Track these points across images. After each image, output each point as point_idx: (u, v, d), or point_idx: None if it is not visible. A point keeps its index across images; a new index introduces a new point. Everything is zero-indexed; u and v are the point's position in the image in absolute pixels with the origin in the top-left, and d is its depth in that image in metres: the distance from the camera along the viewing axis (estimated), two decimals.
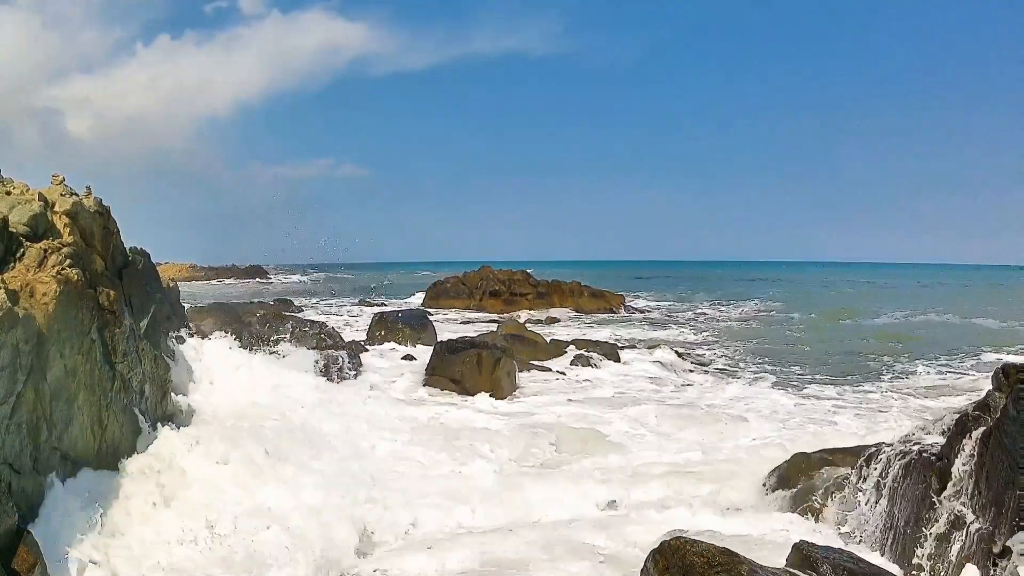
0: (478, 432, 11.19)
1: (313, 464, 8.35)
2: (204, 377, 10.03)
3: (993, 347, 22.33)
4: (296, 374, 12.24)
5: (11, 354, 5.41)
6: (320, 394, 11.83)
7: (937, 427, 5.70)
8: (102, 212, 8.22)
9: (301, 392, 11.34)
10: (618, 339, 23.24)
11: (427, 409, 12.75)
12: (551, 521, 7.75)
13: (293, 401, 10.67)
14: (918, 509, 5.27)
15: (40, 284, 6.22)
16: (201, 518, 6.45)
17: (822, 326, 30.46)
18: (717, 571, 4.14)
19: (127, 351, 7.48)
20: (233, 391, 10.02)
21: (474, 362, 14.33)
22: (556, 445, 10.80)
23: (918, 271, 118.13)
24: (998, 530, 4.43)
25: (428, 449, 10.05)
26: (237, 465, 7.61)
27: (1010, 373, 4.71)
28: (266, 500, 7.12)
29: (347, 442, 9.63)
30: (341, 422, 10.48)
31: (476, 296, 36.40)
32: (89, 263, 7.29)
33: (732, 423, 12.26)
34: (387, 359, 17.64)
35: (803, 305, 41.27)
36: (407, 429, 10.97)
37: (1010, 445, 4.40)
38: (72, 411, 6.27)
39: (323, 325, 22.90)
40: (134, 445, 7.26)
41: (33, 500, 5.57)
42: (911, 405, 13.89)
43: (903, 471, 5.56)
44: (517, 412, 12.91)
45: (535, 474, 9.49)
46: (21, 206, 6.76)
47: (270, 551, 6.22)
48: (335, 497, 7.46)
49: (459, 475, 9.22)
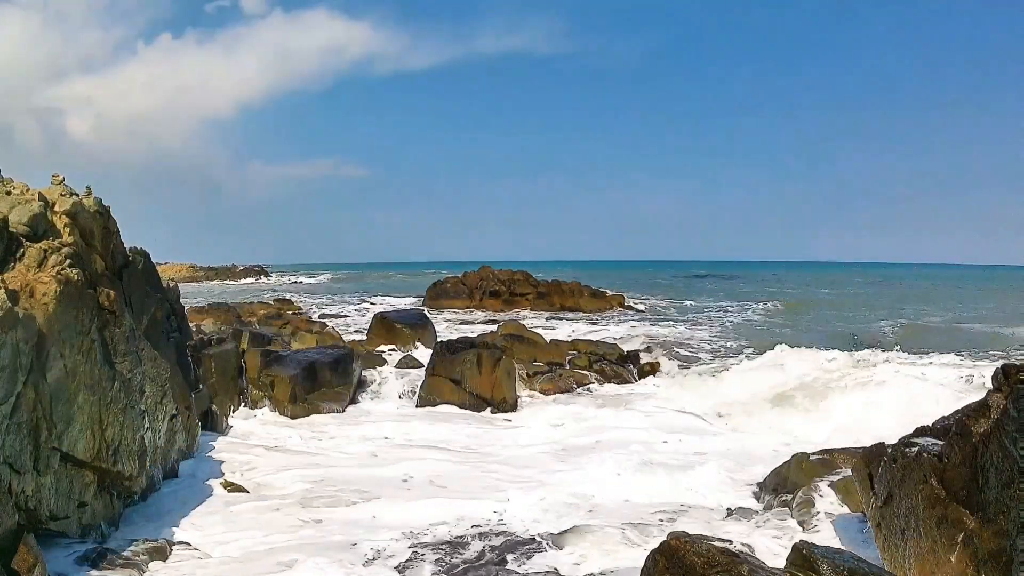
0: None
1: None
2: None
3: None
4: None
5: (11, 354, 5.42)
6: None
7: (937, 427, 5.69)
8: (102, 212, 8.22)
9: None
10: (618, 339, 23.22)
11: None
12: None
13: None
14: (918, 510, 5.26)
15: (40, 284, 6.23)
16: None
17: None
18: (717, 571, 4.13)
19: (127, 351, 7.49)
20: None
21: (474, 362, 14.33)
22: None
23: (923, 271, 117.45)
24: (999, 531, 4.43)
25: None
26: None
27: (1010, 373, 4.69)
28: None
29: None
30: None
31: (476, 296, 36.39)
32: (89, 263, 7.30)
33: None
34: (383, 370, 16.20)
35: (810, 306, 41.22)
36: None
37: (1010, 445, 4.40)
38: (72, 411, 6.27)
39: (323, 325, 22.95)
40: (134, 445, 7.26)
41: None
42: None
43: (903, 471, 5.56)
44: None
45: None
46: (21, 206, 6.77)
47: None
48: None
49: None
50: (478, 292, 36.54)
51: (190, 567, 6.45)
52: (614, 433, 11.93)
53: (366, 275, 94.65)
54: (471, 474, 9.62)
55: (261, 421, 12.65)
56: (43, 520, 5.87)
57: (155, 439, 7.98)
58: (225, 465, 9.76)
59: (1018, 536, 4.29)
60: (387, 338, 19.70)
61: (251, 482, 9.07)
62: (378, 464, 10.09)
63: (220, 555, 6.77)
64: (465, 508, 8.04)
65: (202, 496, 8.34)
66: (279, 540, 7.13)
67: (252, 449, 10.80)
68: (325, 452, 10.82)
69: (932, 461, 5.22)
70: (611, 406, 14.13)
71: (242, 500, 8.39)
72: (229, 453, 10.43)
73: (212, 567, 6.49)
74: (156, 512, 7.75)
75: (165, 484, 8.48)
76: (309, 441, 11.47)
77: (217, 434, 11.49)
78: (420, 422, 12.70)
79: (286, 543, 7.06)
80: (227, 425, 12.11)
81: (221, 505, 8.17)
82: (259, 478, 9.29)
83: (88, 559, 6.24)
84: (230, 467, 9.68)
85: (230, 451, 10.54)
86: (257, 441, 11.36)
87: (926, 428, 5.84)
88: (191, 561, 6.56)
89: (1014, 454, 4.37)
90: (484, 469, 9.90)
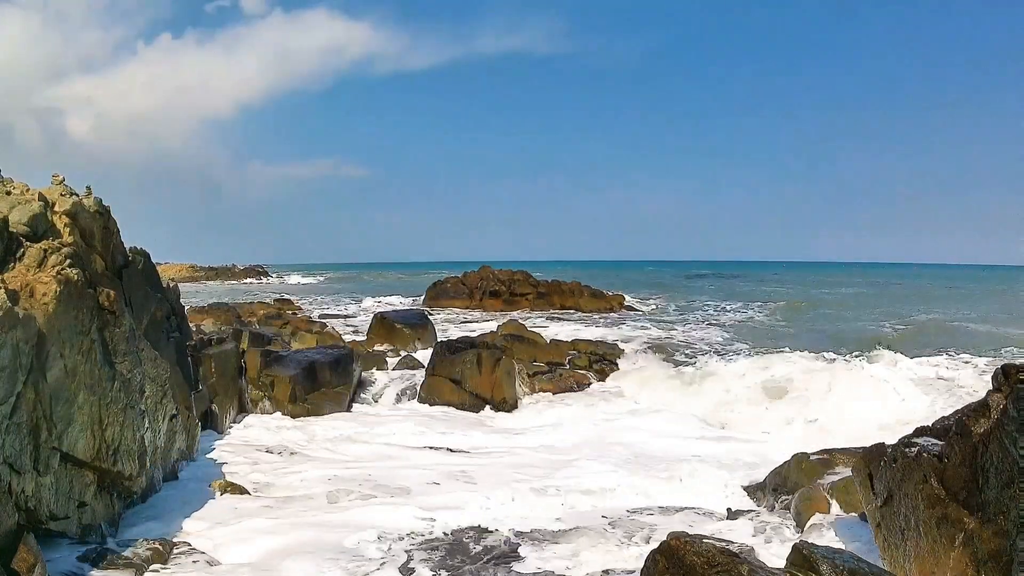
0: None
1: None
2: None
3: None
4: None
5: (11, 354, 5.42)
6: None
7: (937, 427, 5.69)
8: (102, 212, 8.23)
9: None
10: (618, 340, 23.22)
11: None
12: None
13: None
14: (918, 510, 5.26)
15: (40, 284, 6.23)
16: None
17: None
18: (717, 571, 4.13)
19: (127, 351, 7.49)
20: None
21: (474, 362, 14.33)
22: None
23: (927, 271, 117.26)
24: (999, 531, 4.43)
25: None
26: None
27: (1010, 373, 4.69)
28: None
29: None
30: None
31: (476, 296, 36.38)
32: (89, 263, 7.30)
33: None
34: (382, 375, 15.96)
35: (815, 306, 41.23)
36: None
37: (1010, 445, 4.40)
38: (72, 411, 6.27)
39: (323, 325, 22.95)
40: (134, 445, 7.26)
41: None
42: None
43: (903, 471, 5.55)
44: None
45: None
46: (21, 206, 6.77)
47: None
48: None
49: None
50: (478, 292, 36.53)
51: (190, 567, 6.44)
52: (614, 433, 11.95)
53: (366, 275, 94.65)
54: (471, 474, 9.62)
55: (261, 421, 12.65)
56: (43, 520, 5.87)
57: (155, 439, 7.98)
58: (225, 466, 9.76)
59: (1018, 536, 4.29)
60: (387, 338, 19.71)
61: (251, 483, 9.06)
62: (378, 464, 10.09)
63: (220, 555, 6.76)
64: (465, 508, 8.04)
65: (202, 496, 8.34)
66: (279, 541, 7.12)
67: (252, 449, 10.80)
68: (325, 452, 10.82)
69: (932, 461, 5.21)
70: (611, 406, 14.15)
71: (242, 501, 8.39)
72: (229, 453, 10.44)
73: (212, 567, 6.49)
74: (156, 512, 7.75)
75: (165, 484, 8.48)
76: (309, 441, 11.47)
77: (217, 434, 11.50)
78: (420, 422, 12.70)
79: (286, 544, 7.05)
80: (227, 425, 12.11)
81: (221, 506, 8.16)
82: (259, 478, 9.29)
83: (88, 559, 6.24)
84: (230, 467, 9.68)
85: (230, 451, 10.55)
86: (257, 441, 11.35)
87: (926, 428, 5.84)
88: (191, 561, 6.55)
89: (1014, 454, 4.37)
90: (484, 469, 9.90)
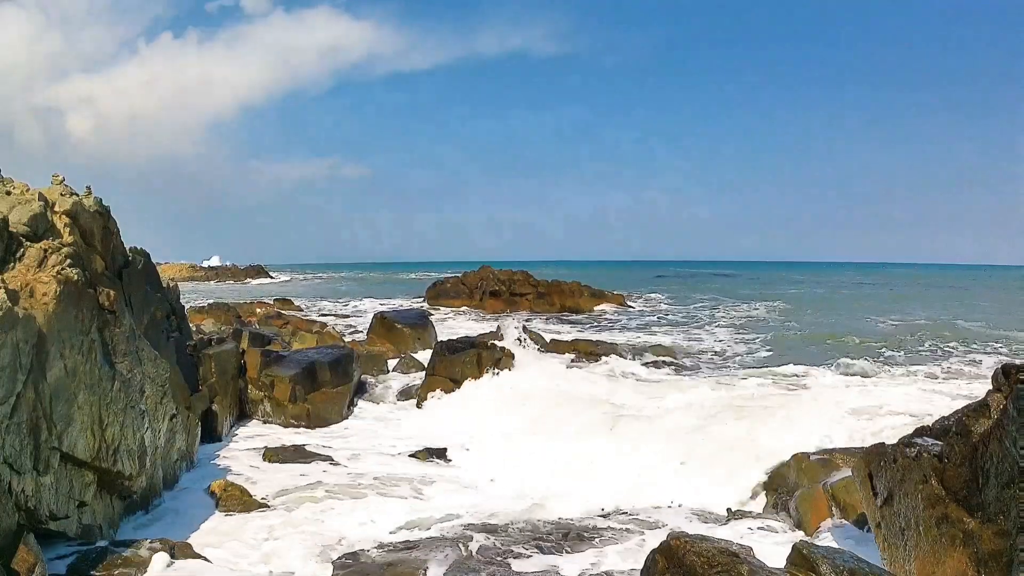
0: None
1: None
2: None
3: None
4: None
5: (11, 354, 5.41)
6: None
7: (937, 427, 5.69)
8: (102, 212, 8.23)
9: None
10: (618, 339, 23.22)
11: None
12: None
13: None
14: (918, 510, 5.26)
15: (40, 284, 6.23)
16: None
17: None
18: (717, 571, 4.13)
19: (127, 351, 7.49)
20: None
21: (474, 362, 14.33)
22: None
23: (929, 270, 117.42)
24: (999, 531, 4.43)
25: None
26: None
27: (1010, 373, 4.70)
28: None
29: None
30: None
31: (476, 296, 36.37)
32: (89, 263, 7.30)
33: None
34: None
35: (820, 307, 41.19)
36: None
37: (1010, 445, 4.40)
38: (72, 411, 6.27)
39: (323, 325, 22.95)
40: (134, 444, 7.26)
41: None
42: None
43: (903, 472, 5.55)
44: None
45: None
46: (21, 206, 6.77)
47: None
48: None
49: None
50: (478, 292, 36.51)
51: (190, 567, 6.44)
52: (614, 433, 11.92)
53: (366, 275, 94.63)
54: (471, 474, 9.63)
55: (261, 421, 12.65)
56: (43, 520, 5.87)
57: (155, 439, 7.98)
58: (225, 465, 9.76)
59: (1018, 536, 4.29)
60: (387, 338, 19.70)
61: (251, 483, 9.06)
62: (378, 464, 10.09)
63: (220, 555, 6.77)
64: (465, 507, 8.05)
65: (202, 496, 8.34)
66: (279, 542, 7.13)
67: (252, 449, 10.80)
68: (325, 452, 10.81)
69: (932, 461, 5.21)
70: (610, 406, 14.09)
71: (242, 502, 8.38)
72: (229, 453, 10.44)
73: (212, 567, 6.49)
74: (156, 512, 7.76)
75: (165, 484, 8.48)
76: (309, 442, 11.46)
77: (217, 434, 11.49)
78: (420, 421, 12.70)
79: (287, 545, 7.06)
80: (227, 425, 12.11)
81: (221, 507, 8.16)
82: (259, 478, 9.29)
83: (88, 559, 6.24)
84: (230, 467, 9.68)
85: (230, 451, 10.55)
86: (257, 442, 11.35)
87: (926, 428, 5.84)
88: (191, 561, 6.55)
89: (1014, 454, 4.37)
90: (484, 469, 9.91)
